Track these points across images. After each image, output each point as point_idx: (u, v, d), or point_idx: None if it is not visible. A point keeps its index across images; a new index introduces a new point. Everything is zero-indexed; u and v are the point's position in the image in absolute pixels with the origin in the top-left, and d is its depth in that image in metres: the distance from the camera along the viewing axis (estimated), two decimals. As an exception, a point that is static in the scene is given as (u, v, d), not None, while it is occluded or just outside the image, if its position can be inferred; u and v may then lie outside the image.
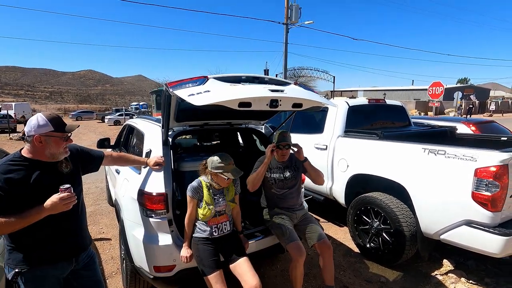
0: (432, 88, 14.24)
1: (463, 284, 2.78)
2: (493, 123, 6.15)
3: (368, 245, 3.24)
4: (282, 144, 2.44)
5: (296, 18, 15.31)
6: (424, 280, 2.90)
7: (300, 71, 24.32)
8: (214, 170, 2.03)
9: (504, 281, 2.81)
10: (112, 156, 2.11)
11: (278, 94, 1.88)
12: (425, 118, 6.96)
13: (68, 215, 1.55)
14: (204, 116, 2.74)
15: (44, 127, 1.46)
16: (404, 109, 4.74)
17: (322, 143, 3.91)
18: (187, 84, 1.82)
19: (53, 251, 1.56)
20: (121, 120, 25.01)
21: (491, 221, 2.36)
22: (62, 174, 1.58)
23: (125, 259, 2.49)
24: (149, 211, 2.15)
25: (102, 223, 4.33)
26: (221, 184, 2.09)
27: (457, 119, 6.34)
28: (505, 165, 2.30)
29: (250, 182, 2.44)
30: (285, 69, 16.76)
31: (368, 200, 3.22)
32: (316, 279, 2.89)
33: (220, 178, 2.05)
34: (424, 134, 4.03)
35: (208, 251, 2.04)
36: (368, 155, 3.34)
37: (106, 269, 3.14)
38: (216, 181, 2.08)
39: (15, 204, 1.40)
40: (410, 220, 2.88)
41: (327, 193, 3.91)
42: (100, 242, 3.75)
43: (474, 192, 2.38)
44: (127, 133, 3.89)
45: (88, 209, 4.81)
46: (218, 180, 2.07)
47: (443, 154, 2.62)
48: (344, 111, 3.88)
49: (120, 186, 2.75)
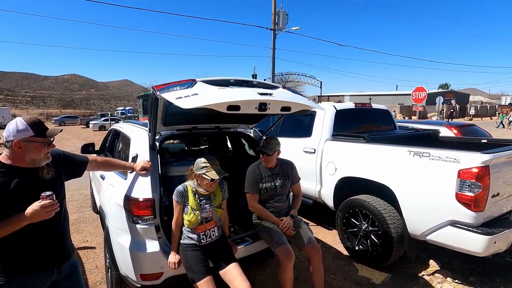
0: (416, 93, 14.68)
1: (449, 283, 2.83)
2: (473, 126, 6.39)
3: (357, 248, 3.26)
4: (263, 151, 2.48)
5: (284, 24, 15.52)
6: (411, 280, 2.94)
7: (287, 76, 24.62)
8: (198, 172, 2.00)
9: (488, 279, 2.89)
10: (97, 161, 2.05)
11: (267, 98, 1.88)
12: (409, 122, 7.15)
13: (50, 223, 1.48)
14: (192, 120, 2.71)
15: (23, 132, 1.40)
16: (389, 113, 4.85)
17: (310, 147, 3.94)
18: (175, 87, 1.80)
19: (34, 261, 1.48)
20: (106, 125, 24.47)
21: (474, 221, 2.42)
22: (44, 180, 1.51)
23: (110, 267, 2.41)
24: (136, 217, 2.10)
25: (86, 231, 4.19)
26: (207, 188, 2.03)
27: (440, 123, 6.54)
28: (487, 166, 2.38)
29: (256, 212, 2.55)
30: (273, 74, 16.90)
31: (356, 202, 3.25)
32: (306, 283, 2.88)
33: (205, 180, 1.98)
34: (409, 137, 4.13)
35: (197, 257, 2.00)
36: (356, 158, 3.38)
37: (90, 278, 3.03)
38: (202, 185, 2.03)
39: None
40: (397, 221, 2.93)
41: (316, 196, 3.93)
42: (84, 251, 3.62)
43: (457, 193, 2.45)
44: (113, 138, 3.80)
45: (72, 216, 4.65)
46: (203, 183, 2.01)
47: (428, 156, 2.68)
48: (332, 115, 3.94)
49: (105, 192, 2.67)
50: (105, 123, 25.21)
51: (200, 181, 2.03)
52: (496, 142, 3.71)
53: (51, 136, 1.48)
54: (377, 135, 3.80)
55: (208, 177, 1.96)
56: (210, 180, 1.97)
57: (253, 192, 2.50)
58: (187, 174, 2.13)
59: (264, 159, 2.51)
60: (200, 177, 2.01)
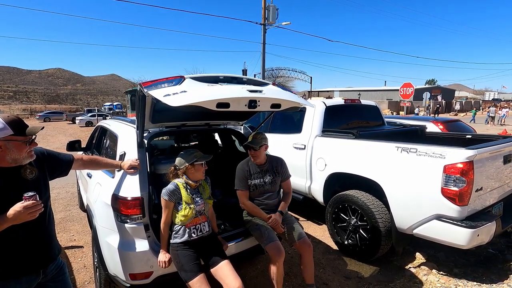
0: (404, 88, 14.89)
1: (434, 275, 2.92)
2: (458, 122, 6.55)
3: (346, 242, 3.32)
4: (249, 146, 2.48)
5: (274, 19, 15.43)
6: (398, 273, 3.02)
7: (278, 71, 24.55)
8: (187, 163, 2.04)
9: (471, 271, 2.99)
10: (83, 159, 2.00)
11: (257, 95, 1.87)
12: (397, 117, 7.27)
13: (34, 224, 1.44)
14: (181, 117, 2.67)
15: (2, 131, 1.34)
16: (378, 109, 4.91)
17: (300, 143, 3.96)
18: (163, 84, 1.76)
19: (18, 263, 1.44)
20: (93, 121, 23.92)
21: (458, 214, 2.49)
22: (27, 180, 1.46)
23: (99, 267, 2.37)
24: (124, 217, 2.06)
25: (74, 230, 4.11)
26: (198, 175, 2.08)
27: (427, 118, 6.68)
28: (471, 161, 2.45)
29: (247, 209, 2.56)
30: (263, 69, 16.83)
31: (346, 198, 3.30)
32: (296, 278, 2.91)
33: (197, 167, 2.06)
34: (397, 133, 4.20)
35: (188, 256, 1.99)
36: (345, 154, 3.42)
37: (78, 278, 2.98)
38: (194, 176, 2.07)
39: None
40: (385, 216, 2.99)
41: (306, 192, 3.96)
42: (71, 250, 3.55)
43: (443, 187, 2.51)
44: (100, 135, 3.72)
45: (58, 215, 4.55)
46: (196, 170, 2.06)
47: (415, 152, 2.73)
48: (322, 111, 3.96)
49: (92, 190, 2.61)
50: (92, 119, 24.65)
51: (192, 171, 2.06)
52: (480, 137, 3.82)
53: (32, 134, 1.43)
54: (366, 131, 3.84)
55: (201, 160, 2.05)
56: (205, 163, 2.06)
57: (243, 189, 2.50)
58: (170, 175, 2.11)
59: (252, 154, 2.51)
60: (192, 167, 2.05)
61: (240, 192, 2.51)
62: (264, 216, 2.46)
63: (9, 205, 1.32)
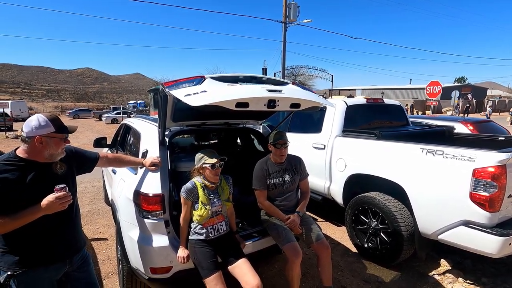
0: (430, 87, 14.26)
1: (460, 284, 2.78)
2: (490, 123, 6.17)
3: (366, 245, 3.23)
4: (279, 143, 2.43)
5: (295, 17, 15.28)
6: (421, 280, 2.90)
7: (298, 69, 24.31)
8: (198, 164, 2.05)
9: (501, 281, 2.82)
10: (107, 157, 2.09)
11: (276, 95, 1.86)
12: (423, 117, 6.96)
13: (62, 217, 1.54)
14: (202, 116, 2.72)
15: (45, 128, 1.46)
16: (402, 108, 4.73)
17: (320, 143, 3.90)
18: (184, 84, 1.79)
19: (47, 253, 1.54)
20: (118, 118, 24.86)
21: (488, 221, 2.35)
22: (57, 175, 1.57)
23: (122, 260, 2.47)
24: (145, 212, 2.13)
25: (99, 223, 4.30)
26: (211, 178, 2.06)
27: (455, 119, 6.35)
28: (503, 165, 2.30)
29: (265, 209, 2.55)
30: (283, 67, 16.71)
31: (366, 200, 3.21)
32: (314, 279, 2.88)
33: (207, 170, 2.04)
34: (422, 134, 4.02)
35: (206, 253, 2.02)
36: (366, 155, 3.33)
37: (103, 269, 3.12)
38: (207, 177, 2.07)
39: (10, 204, 1.38)
40: (408, 220, 2.88)
41: (325, 192, 3.90)
42: (96, 242, 3.72)
43: (472, 192, 2.38)
44: (124, 132, 3.86)
45: (85, 208, 4.78)
46: (206, 174, 2.05)
47: (441, 154, 2.61)
48: (342, 110, 3.87)
49: (116, 186, 2.72)
50: (117, 117, 25.61)
51: (204, 173, 2.07)
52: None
53: (72, 132, 1.56)
54: (388, 131, 3.72)
55: (207, 164, 2.02)
56: (211, 166, 2.01)
57: (261, 188, 2.50)
58: (191, 172, 2.16)
59: (281, 152, 2.47)
60: (202, 169, 2.05)
61: (258, 192, 2.52)
62: (282, 217, 2.45)
63: (41, 196, 1.42)
